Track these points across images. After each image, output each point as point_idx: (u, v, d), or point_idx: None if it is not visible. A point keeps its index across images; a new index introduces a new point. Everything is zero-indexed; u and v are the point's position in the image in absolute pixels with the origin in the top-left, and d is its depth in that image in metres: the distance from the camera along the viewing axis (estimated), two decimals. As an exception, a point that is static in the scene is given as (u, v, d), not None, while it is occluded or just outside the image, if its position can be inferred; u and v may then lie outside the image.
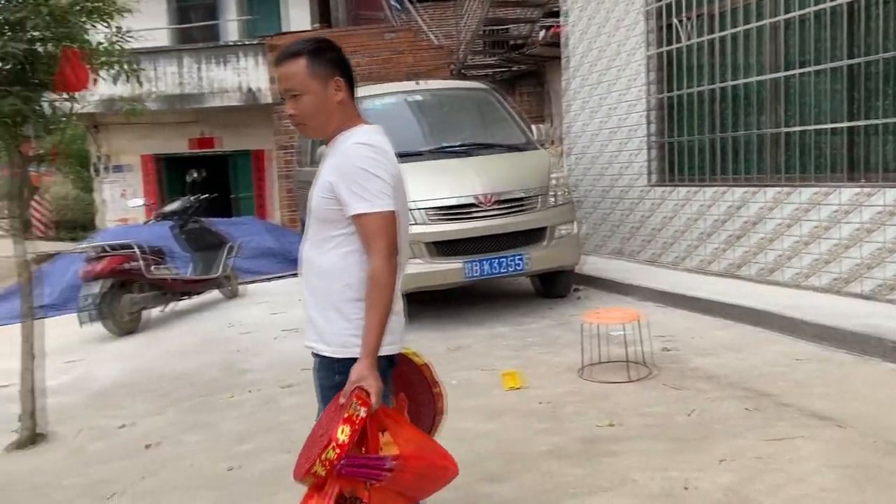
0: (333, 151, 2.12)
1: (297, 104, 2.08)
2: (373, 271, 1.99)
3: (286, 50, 2.11)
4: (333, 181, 2.03)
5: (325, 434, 1.92)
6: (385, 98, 6.85)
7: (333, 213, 2.06)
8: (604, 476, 3.08)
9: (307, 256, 2.16)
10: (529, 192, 5.98)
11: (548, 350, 5.00)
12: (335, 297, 2.09)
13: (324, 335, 2.10)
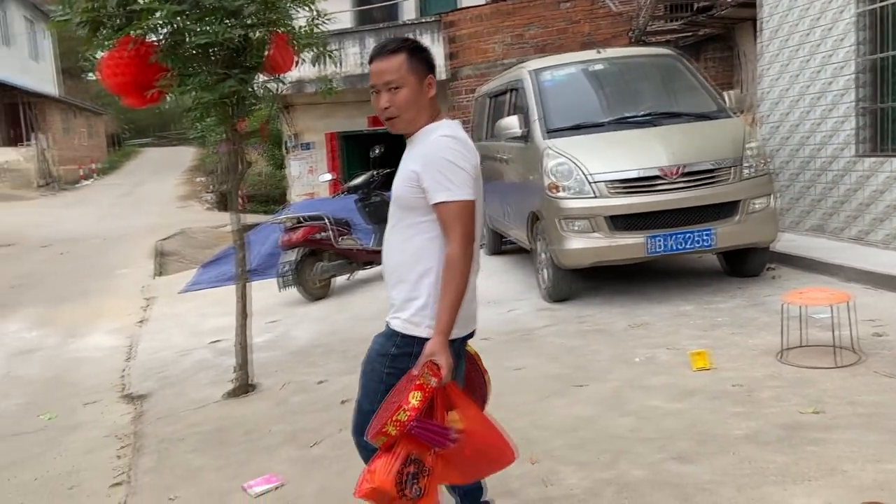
0: (417, 143, 2.23)
1: (393, 97, 2.18)
2: (450, 256, 2.13)
3: (384, 46, 2.21)
4: (419, 171, 2.15)
5: (397, 400, 2.06)
6: (564, 69, 6.74)
7: (417, 201, 2.18)
8: (808, 465, 2.87)
9: (392, 241, 2.29)
10: (720, 163, 5.62)
11: (740, 331, 4.71)
12: (414, 279, 2.21)
13: (399, 312, 2.25)
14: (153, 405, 4.83)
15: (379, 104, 2.21)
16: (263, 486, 3.33)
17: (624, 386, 3.96)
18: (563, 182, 5.63)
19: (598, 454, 3.19)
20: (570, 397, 3.90)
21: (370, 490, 2.06)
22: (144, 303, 8.44)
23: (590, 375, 4.19)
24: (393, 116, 2.21)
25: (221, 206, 23.55)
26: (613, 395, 3.87)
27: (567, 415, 3.67)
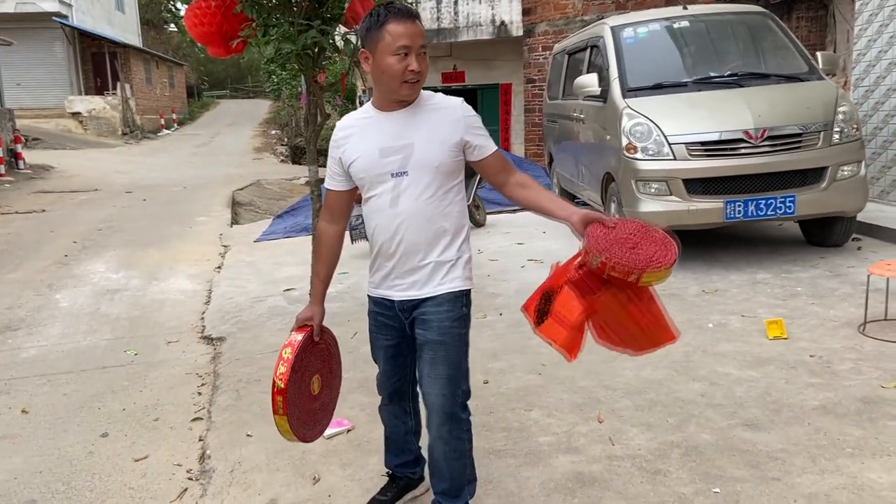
0: (425, 110, 2.26)
1: (422, 62, 2.17)
2: (530, 178, 2.38)
3: (408, 10, 2.17)
4: (464, 136, 2.25)
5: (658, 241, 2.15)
6: (649, 25, 6.51)
7: (458, 164, 2.28)
8: (887, 439, 2.80)
9: (435, 208, 2.27)
10: (809, 127, 5.37)
11: (819, 301, 4.56)
12: (460, 239, 2.33)
13: (452, 274, 2.30)
14: (230, 347, 5.04)
15: (410, 66, 2.15)
16: (335, 428, 3.45)
17: (695, 351, 3.91)
18: (641, 143, 5.50)
19: (666, 417, 3.18)
20: (639, 360, 3.85)
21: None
22: (222, 250, 8.75)
23: (659, 339, 4.15)
24: (418, 80, 2.19)
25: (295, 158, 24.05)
26: (684, 359, 3.82)
27: (635, 377, 3.66)
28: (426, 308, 2.32)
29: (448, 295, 2.31)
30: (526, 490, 2.72)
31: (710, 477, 2.67)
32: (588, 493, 2.64)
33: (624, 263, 2.04)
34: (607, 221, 2.17)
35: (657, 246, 2.12)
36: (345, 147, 2.32)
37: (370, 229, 2.36)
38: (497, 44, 15.57)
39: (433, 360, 2.33)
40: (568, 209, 2.24)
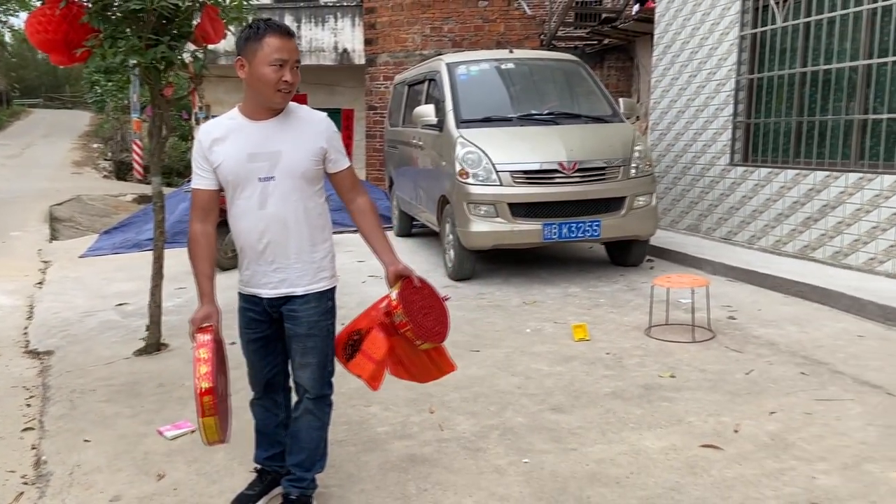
0: (293, 120, 2.49)
1: (295, 75, 2.43)
2: (371, 203, 2.65)
3: (284, 27, 2.44)
4: (326, 146, 2.50)
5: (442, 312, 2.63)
6: (479, 64, 7.19)
7: (319, 172, 2.53)
8: (660, 416, 3.43)
9: (299, 210, 2.49)
10: (611, 162, 6.24)
11: (617, 310, 5.33)
12: (326, 240, 2.59)
13: (317, 273, 2.55)
14: (60, 360, 4.88)
15: (285, 77, 2.38)
16: (178, 430, 3.56)
17: (514, 352, 4.45)
18: (472, 169, 6.08)
19: (487, 405, 3.64)
20: (467, 360, 4.34)
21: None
22: (42, 265, 8.26)
23: (485, 343, 4.66)
24: (290, 90, 2.45)
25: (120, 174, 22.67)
26: (505, 359, 4.34)
27: (463, 375, 4.10)
28: (295, 305, 2.55)
29: (315, 293, 2.56)
30: (365, 472, 3.03)
31: (521, 451, 3.13)
32: (419, 470, 3.00)
33: (416, 331, 2.50)
34: (415, 280, 2.57)
35: (440, 317, 2.61)
36: (212, 149, 2.48)
37: (237, 231, 2.54)
38: (340, 70, 15.92)
39: (304, 351, 2.58)
40: (388, 256, 2.59)
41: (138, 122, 18.57)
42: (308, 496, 2.69)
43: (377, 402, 3.74)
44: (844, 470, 2.84)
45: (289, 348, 2.64)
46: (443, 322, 2.61)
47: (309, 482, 2.69)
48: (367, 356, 2.58)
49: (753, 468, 2.89)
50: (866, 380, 3.78)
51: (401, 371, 2.72)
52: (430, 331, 2.55)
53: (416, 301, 2.54)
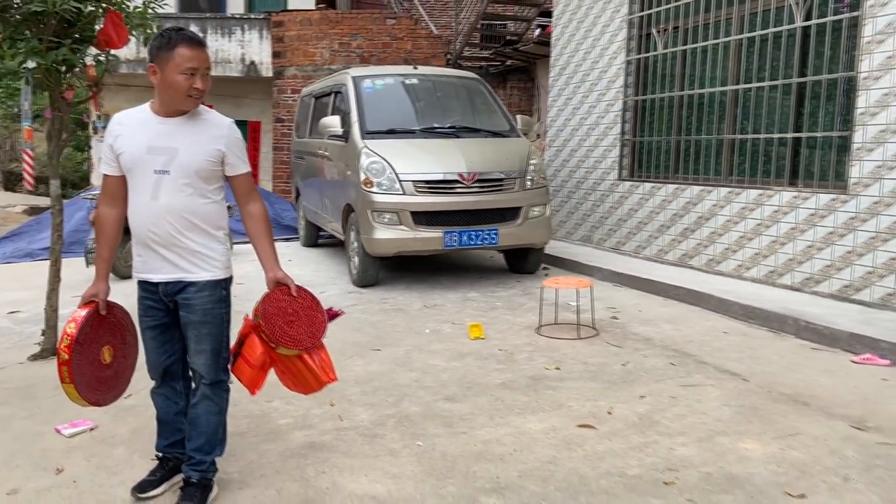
0: (197, 122, 2.64)
1: (206, 81, 2.63)
2: (263, 209, 2.78)
3: (196, 37, 2.61)
4: (224, 149, 2.65)
5: (316, 323, 2.76)
6: (384, 78, 7.43)
7: (216, 173, 2.67)
8: (544, 402, 3.73)
9: (190, 205, 2.62)
10: (508, 174, 6.61)
11: (511, 312, 5.65)
12: (220, 234, 2.72)
13: (210, 263, 2.69)
14: (-54, 366, 4.73)
15: (196, 84, 2.56)
16: (76, 427, 3.56)
17: (413, 350, 4.67)
18: (376, 179, 6.30)
19: (385, 398, 3.84)
20: (368, 358, 4.53)
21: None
22: (-77, 274, 7.83)
23: (386, 342, 4.86)
24: (200, 96, 2.62)
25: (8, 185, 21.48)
26: (404, 356, 4.56)
27: (363, 371, 4.29)
28: (189, 294, 2.68)
29: (209, 282, 2.70)
30: (265, 459, 3.16)
31: (415, 436, 3.35)
32: (318, 456, 3.17)
33: (269, 333, 2.69)
34: (292, 289, 2.75)
35: (308, 328, 2.76)
36: (117, 138, 2.63)
37: (132, 221, 2.67)
38: (247, 82, 15.78)
39: (198, 338, 2.71)
40: (270, 262, 2.75)
41: (30, 130, 17.73)
42: (208, 479, 2.80)
43: (279, 398, 3.86)
44: (700, 442, 3.22)
45: (185, 336, 2.76)
46: (312, 333, 2.76)
47: (209, 465, 2.80)
48: (245, 360, 2.81)
49: (622, 443, 3.22)
50: (726, 368, 4.24)
51: (287, 381, 2.92)
52: (290, 336, 2.71)
53: (283, 307, 2.73)
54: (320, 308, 2.83)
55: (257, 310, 2.73)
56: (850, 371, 4.19)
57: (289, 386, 2.95)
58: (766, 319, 5.10)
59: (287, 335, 2.73)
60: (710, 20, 6.85)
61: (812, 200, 5.65)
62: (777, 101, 6.16)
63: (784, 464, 2.98)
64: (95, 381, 2.73)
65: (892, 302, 5.05)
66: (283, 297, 2.75)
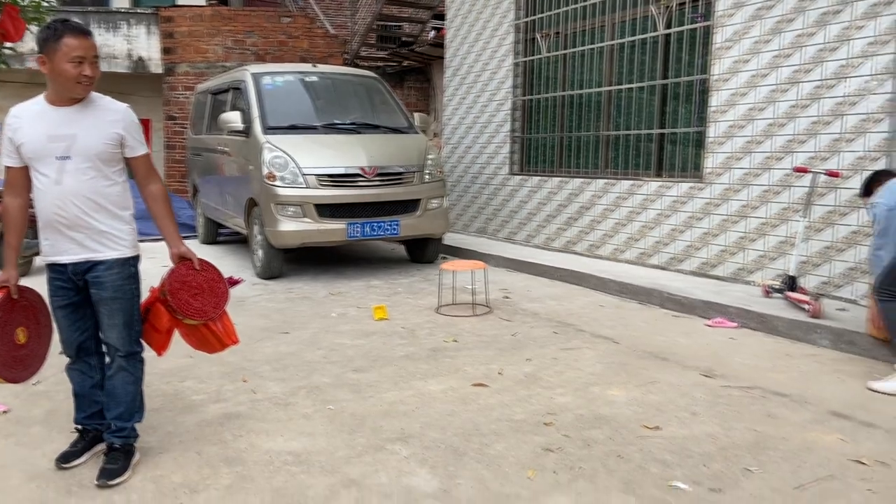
0: (92, 108, 2.80)
1: (96, 69, 2.83)
2: (163, 190, 2.98)
3: (82, 27, 2.78)
4: (122, 133, 2.81)
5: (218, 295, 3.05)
6: (285, 76, 7.63)
7: (115, 155, 2.82)
8: (443, 368, 4.14)
9: (94, 187, 2.78)
10: (407, 168, 6.99)
11: (413, 296, 6.04)
12: (126, 214, 2.91)
13: (118, 243, 2.86)
14: None
15: (84, 72, 2.72)
16: (-13, 412, 3.63)
17: (320, 332, 4.96)
18: (279, 172, 6.51)
19: (296, 373, 4.12)
20: (277, 340, 4.78)
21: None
22: None
23: (293, 326, 5.12)
24: (90, 83, 2.79)
25: None
26: (311, 337, 4.84)
27: (273, 351, 4.54)
28: (99, 272, 2.86)
29: (117, 260, 2.89)
30: (183, 428, 3.37)
31: (326, 402, 3.66)
32: (234, 423, 3.41)
33: (175, 305, 2.95)
34: (196, 263, 3.01)
35: (212, 299, 3.04)
36: (16, 130, 2.77)
37: (38, 206, 2.81)
38: (135, 79, 15.35)
39: (111, 313, 2.90)
40: (173, 239, 2.96)
41: None
42: (130, 444, 3.00)
43: (191, 378, 4.06)
44: (575, 392, 3.71)
45: (97, 312, 2.93)
46: (215, 303, 3.05)
47: (130, 431, 3.00)
48: (152, 326, 3.06)
49: (510, 396, 3.66)
50: (601, 334, 4.80)
51: (191, 341, 3.18)
52: (195, 308, 2.99)
53: (188, 280, 2.99)
54: (222, 279, 3.11)
55: (163, 285, 2.96)
56: (704, 333, 4.85)
57: (192, 345, 3.19)
58: (636, 293, 5.74)
59: (192, 307, 2.99)
60: (586, 27, 7.50)
61: (675, 189, 6.36)
62: (645, 101, 6.87)
63: (644, 405, 3.51)
64: (11, 360, 2.87)
65: (741, 275, 5.81)
66: (187, 272, 3.00)
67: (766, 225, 5.61)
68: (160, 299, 3.00)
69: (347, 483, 2.76)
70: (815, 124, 5.25)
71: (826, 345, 4.47)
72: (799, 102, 5.35)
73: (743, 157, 5.76)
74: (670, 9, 6.49)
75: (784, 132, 5.46)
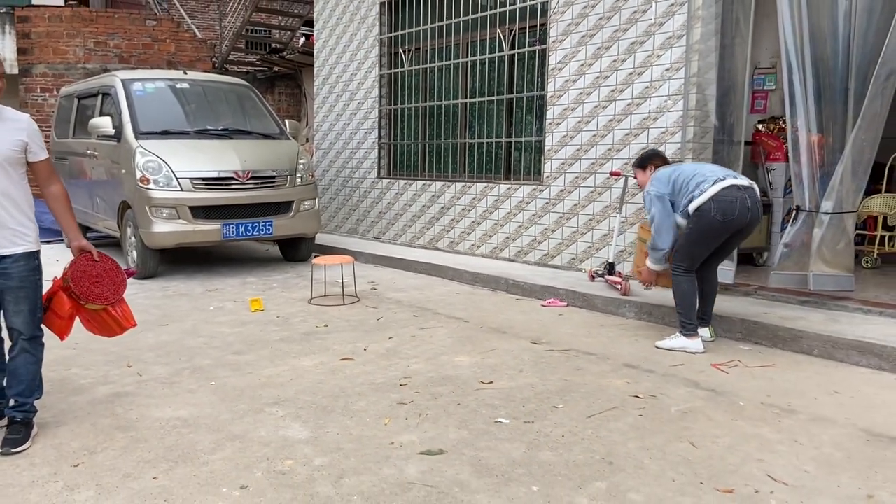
0: (2, 119, 3.15)
1: (2, 84, 3.25)
2: (63, 190, 3.39)
3: None
4: (27, 140, 3.19)
5: (116, 282, 3.48)
6: (155, 82, 7.86)
7: (21, 160, 3.18)
8: (315, 348, 4.71)
9: (2, 188, 3.13)
10: (280, 172, 7.45)
11: (288, 291, 6.54)
12: (30, 212, 3.26)
13: (24, 238, 3.21)
14: None
15: None
16: None
17: (199, 323, 5.37)
18: (153, 176, 6.79)
19: (179, 357, 4.54)
20: (157, 332, 5.14)
21: None
22: None
23: (173, 319, 5.49)
24: None
25: None
26: (191, 328, 5.24)
27: (155, 341, 4.92)
28: (6, 264, 3.21)
29: (24, 254, 3.25)
30: (75, 406, 3.73)
31: (209, 378, 4.12)
32: (124, 400, 3.81)
33: (78, 292, 3.39)
34: (95, 255, 3.45)
35: (111, 286, 3.49)
36: None
37: None
38: (-15, 78, 14.66)
39: (17, 300, 3.25)
40: (73, 233, 3.40)
41: None
42: (30, 418, 3.36)
43: (76, 366, 4.39)
44: (428, 360, 4.40)
45: (2, 301, 3.28)
46: (115, 290, 3.49)
47: (30, 406, 3.36)
48: (54, 313, 3.47)
49: (373, 367, 4.29)
50: (454, 315, 5.55)
51: (92, 327, 3.61)
52: (96, 294, 3.42)
53: (89, 270, 3.43)
54: (120, 269, 3.55)
55: (66, 274, 3.37)
56: (539, 311, 5.72)
57: (93, 331, 3.61)
58: (487, 282, 6.57)
59: (93, 293, 3.41)
60: (443, 44, 8.29)
61: (520, 191, 7.26)
62: (495, 113, 7.74)
63: (482, 367, 4.26)
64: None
65: (574, 264, 6.77)
66: (87, 262, 3.42)
67: (592, 221, 6.60)
68: (63, 287, 3.39)
69: (232, 437, 3.29)
70: (627, 136, 6.28)
71: (632, 316, 5.45)
72: (615, 117, 6.36)
73: (574, 162, 6.73)
74: (513, 32, 7.39)
75: (604, 142, 6.46)
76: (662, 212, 4.48)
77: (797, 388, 3.90)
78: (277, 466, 2.96)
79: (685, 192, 4.45)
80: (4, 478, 2.93)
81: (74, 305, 3.43)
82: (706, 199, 4.35)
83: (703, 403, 3.65)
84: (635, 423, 3.38)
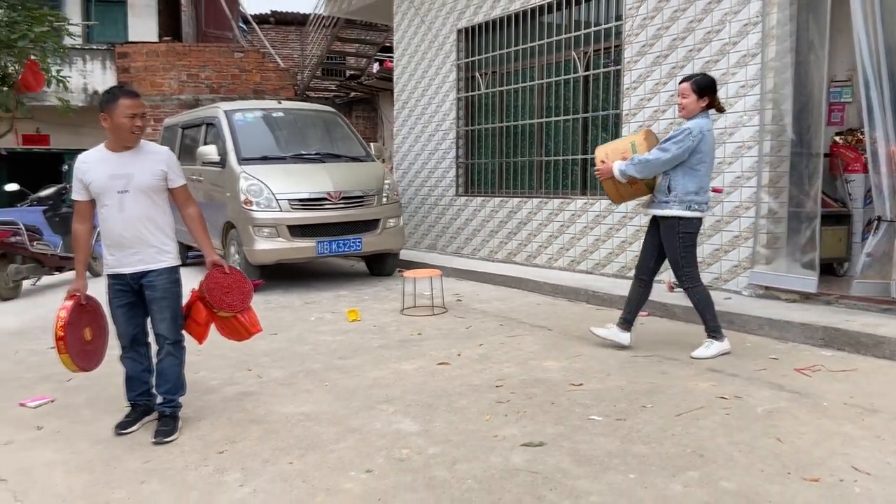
0: (143, 152, 3.67)
1: (144, 122, 3.72)
2: (199, 212, 3.87)
3: (134, 90, 3.72)
4: (166, 169, 3.66)
5: (244, 292, 3.94)
6: (254, 112, 8.52)
7: (162, 187, 3.66)
8: (412, 354, 5.10)
9: (147, 214, 3.63)
10: (367, 192, 7.96)
11: (378, 302, 7.00)
12: (169, 232, 3.76)
13: (166, 255, 3.71)
14: None
15: (136, 124, 3.62)
16: (39, 401, 4.39)
17: (304, 332, 5.86)
18: (255, 198, 7.39)
19: (291, 361, 5.01)
20: (268, 340, 5.64)
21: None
22: None
23: (280, 329, 6.00)
24: (141, 132, 3.68)
25: None
26: (297, 336, 5.73)
27: (268, 348, 5.42)
28: (151, 277, 3.73)
29: (166, 268, 3.77)
30: (210, 403, 4.23)
31: (322, 380, 4.56)
32: (250, 398, 4.28)
33: (212, 301, 3.85)
34: (226, 268, 3.92)
35: (240, 296, 3.95)
36: (85, 172, 3.65)
37: (104, 229, 3.69)
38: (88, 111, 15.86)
39: (161, 309, 3.77)
40: (208, 250, 3.86)
41: None
42: (177, 412, 3.86)
43: (204, 369, 4.90)
44: (518, 364, 4.73)
45: (149, 310, 3.80)
46: (243, 299, 3.96)
47: (176, 402, 3.87)
48: (193, 320, 3.98)
49: (468, 370, 4.65)
50: (538, 324, 5.86)
51: (225, 332, 4.10)
52: (227, 303, 3.89)
53: (220, 281, 3.90)
54: (247, 280, 4.02)
55: (202, 286, 3.86)
56: (621, 320, 5.97)
57: (226, 335, 4.10)
58: (567, 293, 6.85)
59: (224, 302, 3.89)
60: (519, 68, 8.67)
61: (597, 206, 7.52)
62: (570, 131, 8.05)
63: (571, 370, 4.56)
64: (82, 353, 3.74)
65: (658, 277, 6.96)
66: (219, 275, 3.91)
67: (670, 233, 6.80)
68: (200, 297, 3.89)
69: (351, 430, 3.69)
70: (703, 150, 6.47)
71: (713, 325, 5.64)
72: (691, 133, 6.57)
73: (650, 177, 6.95)
74: (588, 54, 7.69)
75: (681, 157, 6.67)
76: (676, 159, 4.59)
77: (879, 390, 4.04)
78: (396, 454, 3.34)
79: (692, 159, 4.62)
80: (161, 463, 3.40)
81: (210, 313, 3.93)
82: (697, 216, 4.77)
83: (787, 404, 3.85)
84: (723, 421, 3.62)
